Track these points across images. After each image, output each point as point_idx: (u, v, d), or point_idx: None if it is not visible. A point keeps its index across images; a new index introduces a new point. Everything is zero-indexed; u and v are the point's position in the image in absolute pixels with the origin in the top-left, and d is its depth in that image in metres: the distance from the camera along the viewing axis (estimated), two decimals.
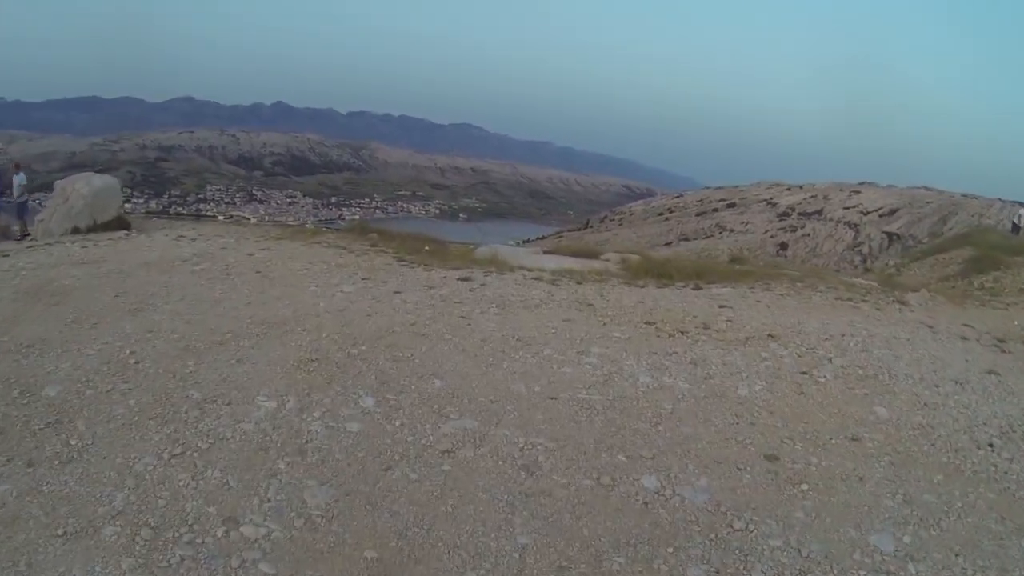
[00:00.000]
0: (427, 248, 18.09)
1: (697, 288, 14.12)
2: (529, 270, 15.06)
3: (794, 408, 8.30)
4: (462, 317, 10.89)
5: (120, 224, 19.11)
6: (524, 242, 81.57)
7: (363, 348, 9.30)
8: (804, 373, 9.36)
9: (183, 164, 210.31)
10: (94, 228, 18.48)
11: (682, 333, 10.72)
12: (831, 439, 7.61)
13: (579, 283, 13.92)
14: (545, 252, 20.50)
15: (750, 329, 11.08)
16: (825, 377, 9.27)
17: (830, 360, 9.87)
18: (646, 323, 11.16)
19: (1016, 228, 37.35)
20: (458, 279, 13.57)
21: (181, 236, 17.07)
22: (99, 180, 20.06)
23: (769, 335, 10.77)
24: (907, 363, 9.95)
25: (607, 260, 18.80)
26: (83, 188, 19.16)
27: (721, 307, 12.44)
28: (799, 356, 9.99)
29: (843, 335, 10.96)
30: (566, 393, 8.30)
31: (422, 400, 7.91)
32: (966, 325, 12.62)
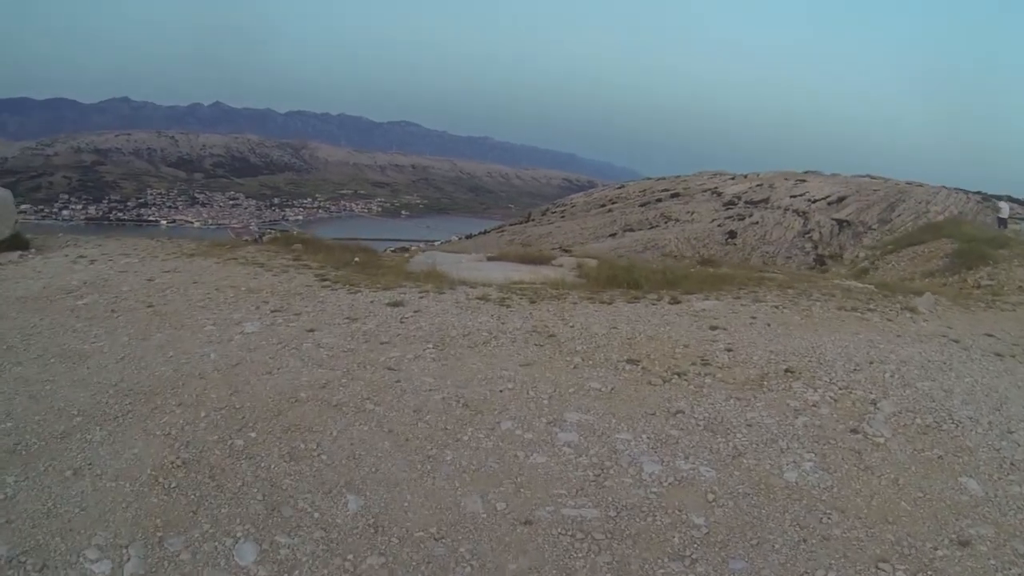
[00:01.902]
0: (356, 260, 16.13)
1: (675, 302, 12.04)
2: (472, 286, 12.89)
3: (867, 498, 5.88)
4: (389, 369, 8.41)
5: (15, 244, 16.53)
6: (467, 237, 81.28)
7: (252, 435, 6.73)
8: (854, 432, 7.06)
9: (121, 167, 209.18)
10: None
11: (678, 376, 8.41)
12: (935, 549, 5.23)
13: (533, 302, 11.73)
14: (490, 259, 18.06)
15: (760, 362, 8.87)
16: (882, 435, 6.97)
17: (875, 405, 7.65)
18: (628, 361, 8.82)
19: (1002, 222, 37.92)
20: (388, 304, 11.26)
21: (82, 256, 14.81)
22: None
23: (786, 370, 8.58)
24: (961, 400, 7.89)
25: (560, 266, 16.64)
26: None
27: (713, 329, 10.26)
28: (836, 402, 7.75)
29: (871, 362, 8.90)
30: (545, 509, 5.60)
31: (328, 546, 5.19)
32: (989, 335, 10.97)
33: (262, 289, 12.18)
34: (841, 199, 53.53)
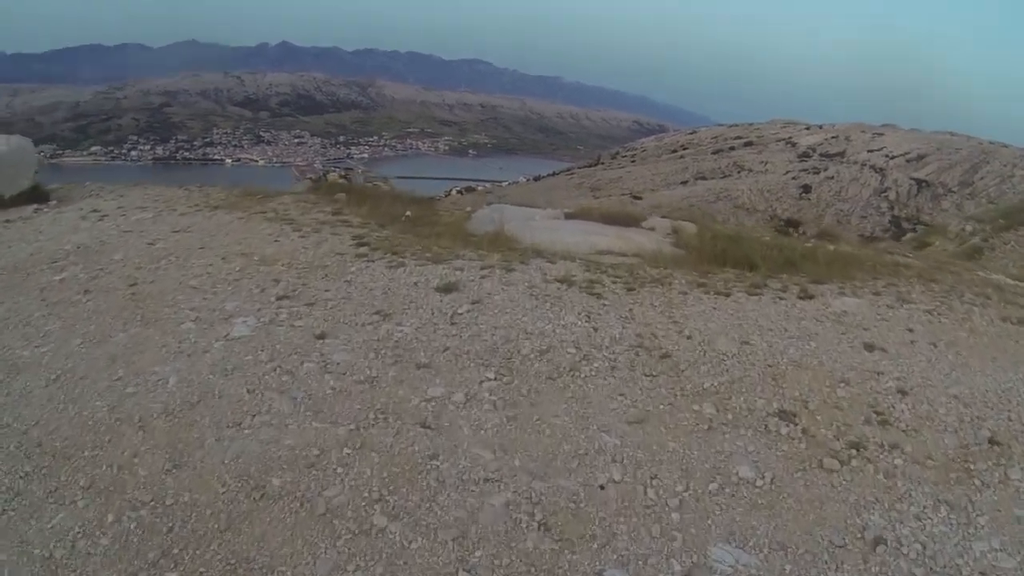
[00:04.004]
0: (407, 215, 13.31)
1: (806, 295, 9.06)
2: (550, 258, 10.05)
3: None
4: (424, 426, 5.50)
5: (35, 196, 15.25)
6: (535, 179, 78.79)
7: None
8: None
9: (188, 108, 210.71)
10: (2, 204, 14.57)
11: (856, 450, 5.50)
12: None
13: (631, 289, 8.78)
14: (568, 216, 14.99)
15: (950, 420, 5.94)
16: None
17: None
18: (781, 416, 5.90)
19: None
20: (437, 288, 8.39)
21: (95, 211, 13.10)
22: (3, 143, 15.93)
23: (990, 440, 5.64)
24: None
25: (652, 230, 13.56)
26: None
27: (870, 349, 7.30)
28: None
29: None
30: None
31: None
32: None
33: (278, 259, 9.58)
34: (921, 157, 49.19)
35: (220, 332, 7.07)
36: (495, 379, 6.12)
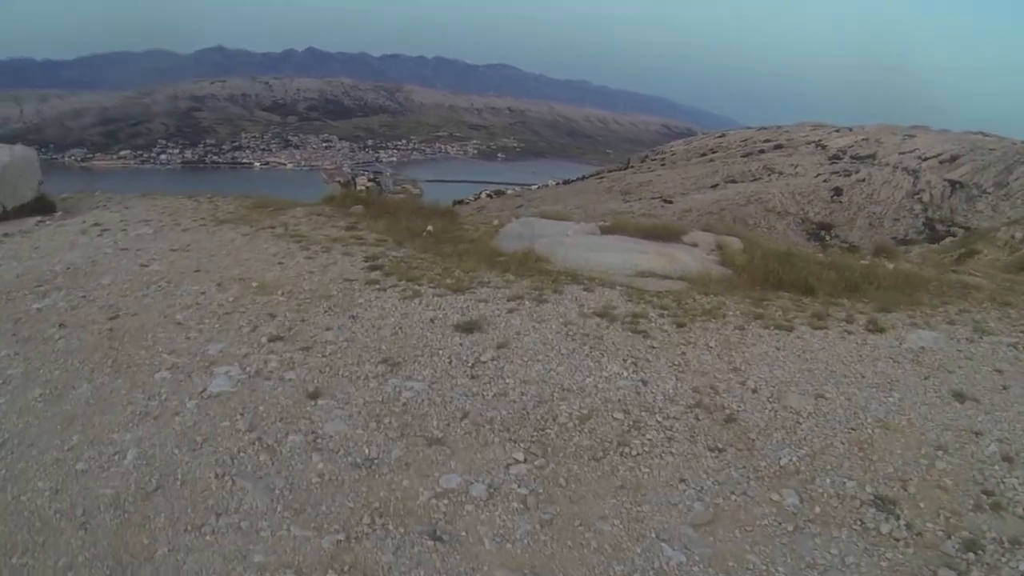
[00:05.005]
0: (428, 229, 12.25)
1: (875, 328, 7.91)
2: (587, 284, 8.98)
3: None
4: (432, 538, 4.27)
5: (40, 207, 14.70)
6: (565, 182, 78.24)
7: None
8: None
9: (216, 113, 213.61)
10: (4, 216, 14.05)
11: (973, 552, 4.37)
12: None
13: (681, 324, 7.61)
14: (603, 230, 13.77)
15: None
16: None
17: None
18: (877, 504, 4.79)
19: None
20: (457, 326, 7.25)
21: (96, 224, 12.40)
22: (6, 153, 15.30)
23: None
24: None
25: (694, 245, 12.38)
26: None
27: (960, 400, 6.13)
28: None
29: None
30: None
31: None
32: None
33: (278, 287, 8.53)
34: (954, 158, 49.03)
35: (197, 386, 5.96)
36: (525, 461, 4.90)
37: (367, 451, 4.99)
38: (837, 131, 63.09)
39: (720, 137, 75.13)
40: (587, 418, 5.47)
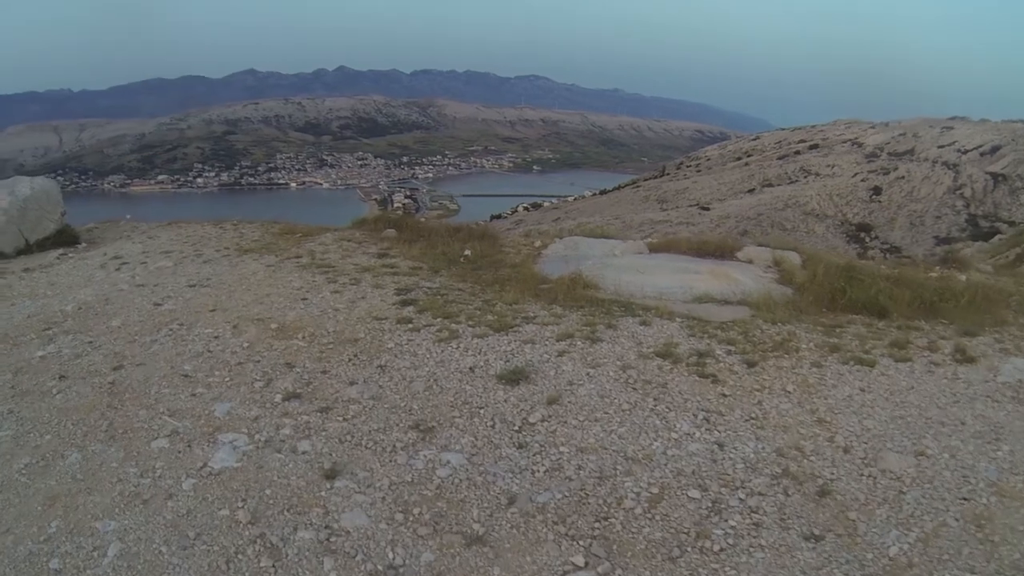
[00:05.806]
0: (466, 254, 11.48)
1: (964, 358, 7.01)
2: (642, 317, 8.08)
3: None
4: None
5: (63, 239, 14.38)
6: (601, 192, 77.67)
7: None
8: None
9: (250, 136, 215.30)
10: (27, 249, 13.79)
11: None
12: None
13: (751, 363, 6.70)
14: (652, 248, 12.85)
15: None
16: None
17: None
18: None
19: None
20: (500, 377, 6.36)
21: (116, 257, 12.17)
22: (26, 186, 15.01)
23: None
24: None
25: (750, 262, 11.63)
26: (2, 201, 14.16)
27: None
28: None
29: None
30: None
31: None
32: None
33: (300, 329, 7.73)
34: (995, 149, 46.26)
35: (197, 460, 5.12)
36: (586, 567, 3.95)
37: (391, 555, 4.09)
38: (872, 127, 61.12)
39: (754, 140, 73.90)
40: (658, 499, 4.54)
